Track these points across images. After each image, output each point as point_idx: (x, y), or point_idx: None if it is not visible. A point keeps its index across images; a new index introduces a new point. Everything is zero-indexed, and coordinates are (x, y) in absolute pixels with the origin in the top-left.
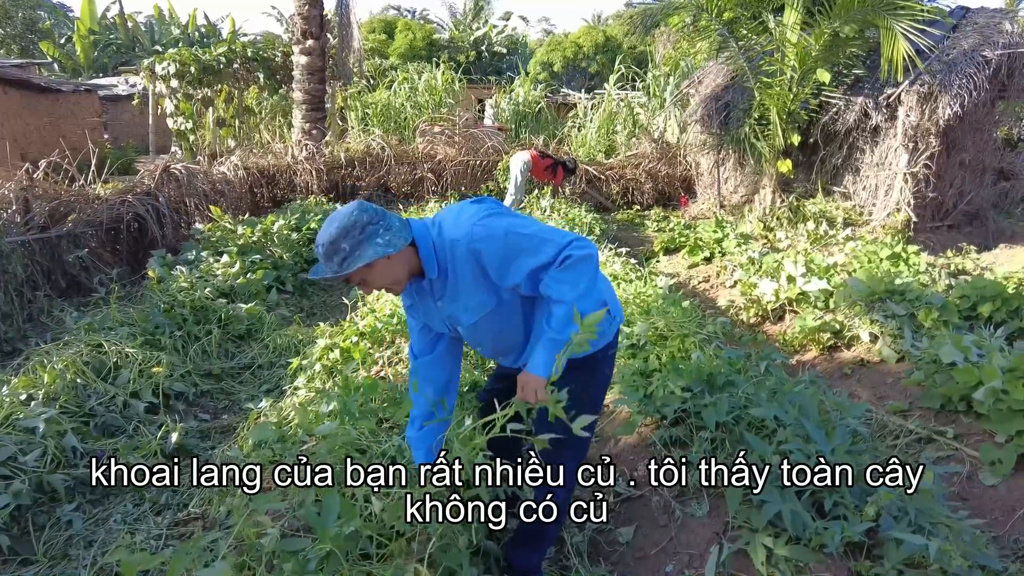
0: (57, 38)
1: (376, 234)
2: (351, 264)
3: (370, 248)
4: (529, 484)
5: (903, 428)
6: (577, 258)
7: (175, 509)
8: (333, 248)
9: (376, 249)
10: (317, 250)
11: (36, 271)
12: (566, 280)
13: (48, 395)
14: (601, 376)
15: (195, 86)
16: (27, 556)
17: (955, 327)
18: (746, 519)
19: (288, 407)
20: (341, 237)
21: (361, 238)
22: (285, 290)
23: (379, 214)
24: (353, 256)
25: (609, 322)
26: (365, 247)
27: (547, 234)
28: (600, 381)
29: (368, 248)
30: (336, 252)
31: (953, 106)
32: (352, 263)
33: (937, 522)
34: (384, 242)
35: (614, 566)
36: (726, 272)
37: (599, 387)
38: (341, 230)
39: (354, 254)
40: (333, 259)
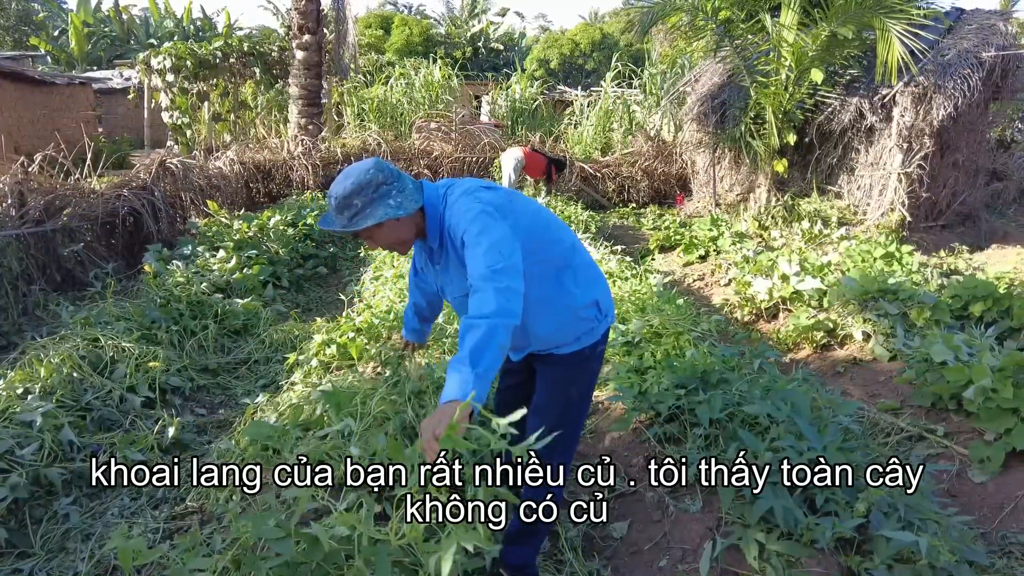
0: (50, 31)
1: (389, 195)
2: (361, 221)
3: (381, 208)
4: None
5: (894, 426)
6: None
7: (172, 503)
8: (346, 202)
9: (387, 210)
10: (329, 201)
11: (31, 265)
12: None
13: (45, 389)
14: (590, 371)
15: (191, 80)
16: (24, 549)
17: (947, 326)
18: (739, 515)
19: (284, 402)
20: (355, 193)
21: (374, 197)
22: (281, 286)
23: (394, 175)
24: (364, 213)
25: (599, 320)
26: (377, 206)
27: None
28: (589, 376)
29: (380, 208)
30: (348, 207)
31: (947, 107)
32: (362, 220)
33: (926, 518)
34: (396, 204)
35: (608, 561)
36: (721, 270)
37: (587, 383)
38: (356, 186)
39: (365, 211)
40: (344, 213)
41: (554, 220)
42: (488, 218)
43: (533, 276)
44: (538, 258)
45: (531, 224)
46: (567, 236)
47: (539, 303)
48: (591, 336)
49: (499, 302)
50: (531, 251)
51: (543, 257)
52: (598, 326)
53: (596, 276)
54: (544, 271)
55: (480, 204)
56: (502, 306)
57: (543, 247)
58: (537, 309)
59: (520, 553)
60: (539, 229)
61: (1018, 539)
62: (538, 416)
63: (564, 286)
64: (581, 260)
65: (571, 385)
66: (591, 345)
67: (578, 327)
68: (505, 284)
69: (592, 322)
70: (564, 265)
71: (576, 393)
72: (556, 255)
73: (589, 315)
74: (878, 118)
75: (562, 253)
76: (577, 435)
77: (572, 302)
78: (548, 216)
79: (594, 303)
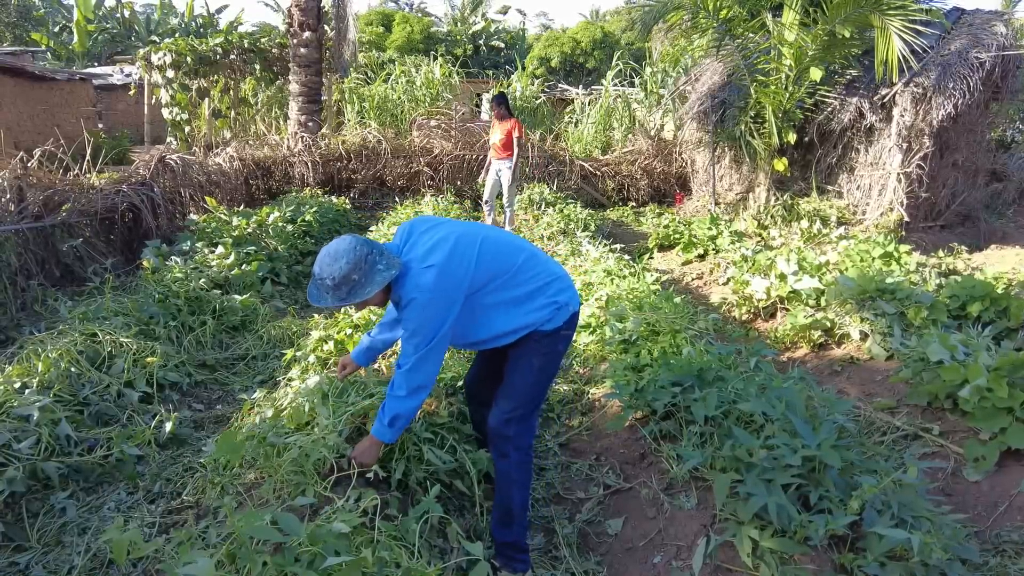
0: (50, 27)
1: (377, 262)
2: (363, 293)
3: (377, 276)
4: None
5: (890, 425)
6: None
7: (168, 498)
8: (344, 280)
9: (383, 276)
10: (323, 282)
11: (30, 260)
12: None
13: (42, 383)
14: (553, 351)
15: (191, 76)
16: (21, 543)
17: (944, 326)
18: (733, 511)
19: (282, 397)
20: (353, 270)
21: (367, 268)
22: (279, 282)
23: (371, 243)
24: (363, 284)
25: (557, 309)
26: (373, 276)
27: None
28: (552, 355)
29: (376, 276)
30: (346, 283)
31: (947, 107)
32: (364, 292)
33: (920, 516)
34: (384, 267)
35: (603, 557)
36: (719, 269)
37: (550, 359)
38: (351, 264)
39: (363, 283)
40: (342, 289)
41: (502, 249)
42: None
43: (488, 304)
44: (494, 286)
45: (475, 274)
46: (517, 256)
47: (502, 314)
48: (552, 324)
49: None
50: (482, 286)
51: (494, 287)
52: (557, 315)
53: (549, 281)
54: (502, 291)
55: (420, 294)
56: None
57: (495, 276)
58: (497, 322)
59: (505, 532)
60: (486, 267)
61: (1011, 537)
62: (505, 384)
63: (521, 297)
64: (532, 272)
65: (534, 356)
66: (553, 330)
67: (539, 321)
68: (415, 384)
69: (551, 314)
70: (519, 281)
71: (538, 363)
72: (509, 276)
73: (547, 312)
74: (878, 118)
75: (515, 272)
76: (538, 401)
77: (528, 310)
78: (495, 249)
79: (551, 303)
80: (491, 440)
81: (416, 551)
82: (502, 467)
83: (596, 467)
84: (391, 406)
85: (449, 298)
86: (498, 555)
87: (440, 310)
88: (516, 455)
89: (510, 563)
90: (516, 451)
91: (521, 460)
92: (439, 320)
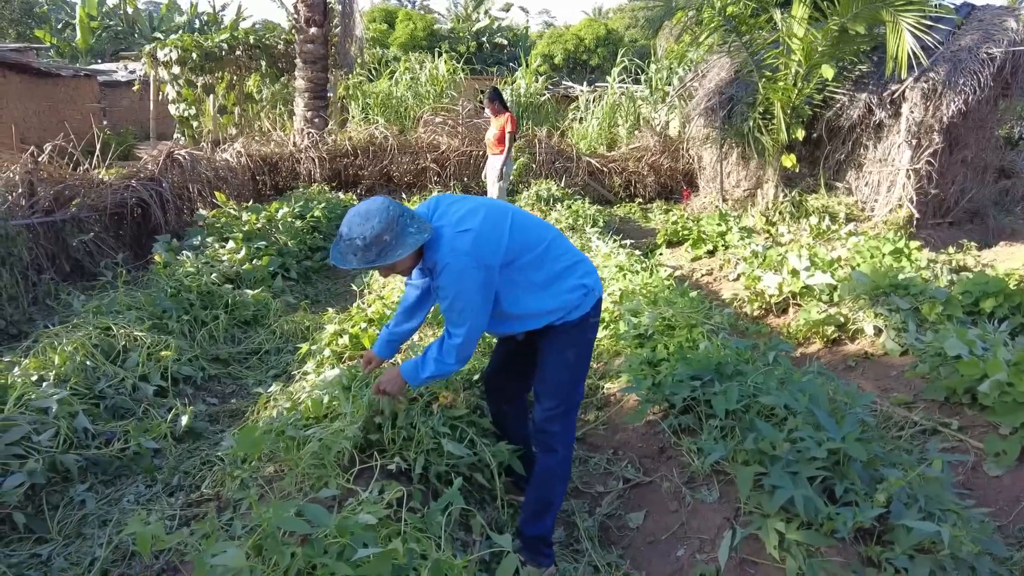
0: (54, 24)
1: (409, 225)
2: (393, 254)
3: (409, 238)
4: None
5: (908, 419)
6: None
7: (187, 491)
8: (376, 240)
9: (413, 239)
10: (352, 242)
11: (40, 255)
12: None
13: (59, 376)
14: (584, 339)
15: (196, 73)
16: (42, 534)
17: (959, 321)
18: (757, 504)
19: (298, 391)
20: (385, 231)
21: (398, 230)
22: (289, 277)
23: (402, 206)
24: (394, 246)
25: (584, 294)
26: (404, 238)
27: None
28: (584, 343)
29: (408, 239)
30: (376, 244)
31: (957, 103)
32: (394, 253)
33: (947, 509)
34: (416, 230)
35: (625, 550)
36: (729, 265)
37: (583, 348)
38: (384, 224)
39: (394, 244)
40: (372, 250)
41: (531, 225)
42: (460, 280)
43: (519, 282)
44: (523, 262)
45: (509, 243)
46: (545, 234)
47: (531, 295)
48: (580, 310)
49: (458, 365)
50: (515, 259)
51: (526, 261)
52: (584, 301)
53: (576, 262)
54: (531, 271)
55: (457, 258)
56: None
57: (525, 252)
58: (528, 302)
59: (535, 525)
60: (517, 242)
61: None
62: (542, 380)
63: (550, 278)
64: (560, 251)
65: (567, 348)
66: (582, 317)
67: (568, 305)
68: (464, 355)
69: (579, 299)
70: (547, 260)
71: (572, 356)
72: (538, 255)
73: (576, 296)
74: (887, 114)
75: (543, 251)
76: (578, 395)
77: (557, 291)
78: (525, 224)
79: (579, 285)
80: (536, 437)
81: (441, 543)
82: (548, 462)
83: (614, 461)
84: (437, 369)
85: (486, 264)
86: (525, 549)
87: (478, 277)
88: (563, 450)
89: (536, 557)
90: (564, 447)
91: (566, 456)
92: (476, 287)
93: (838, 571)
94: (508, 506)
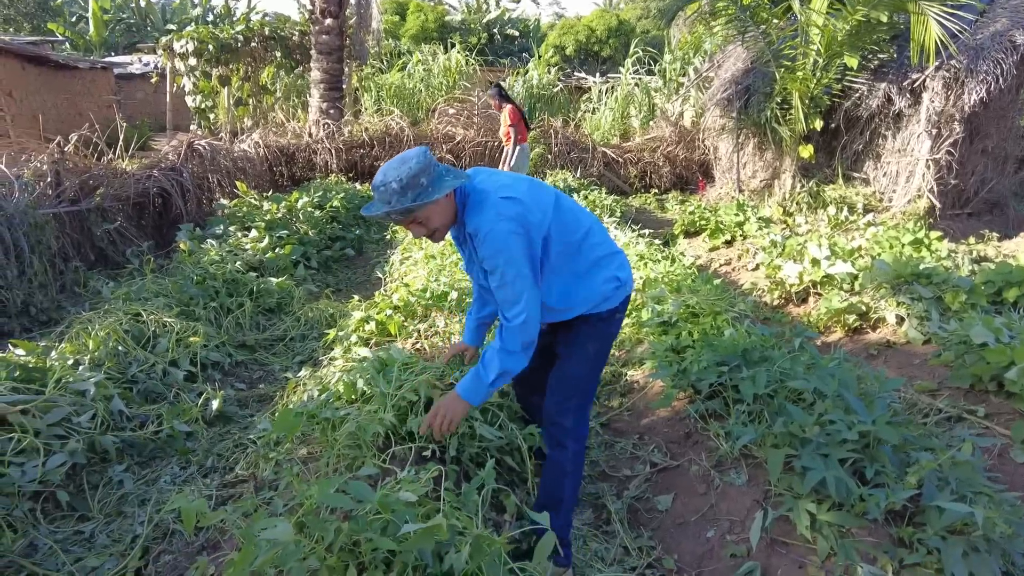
0: (68, 16)
1: (445, 173)
2: (430, 196)
3: (445, 183)
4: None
5: (932, 406)
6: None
7: (222, 472)
8: (413, 182)
9: (449, 183)
10: (388, 186)
11: (67, 243)
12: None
13: (93, 360)
14: (608, 333)
15: (212, 64)
16: (84, 512)
17: (983, 310)
18: (787, 487)
19: (328, 375)
20: (420, 173)
21: (435, 174)
22: (310, 266)
23: (435, 160)
24: (430, 189)
25: (617, 290)
26: (440, 182)
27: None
28: (606, 337)
29: (444, 182)
30: (413, 187)
31: (979, 92)
32: (431, 195)
33: (979, 491)
34: (452, 177)
35: (655, 532)
36: (748, 255)
37: (605, 342)
38: (420, 166)
39: (430, 188)
40: (408, 193)
41: (572, 209)
42: (507, 248)
43: (556, 267)
44: (561, 247)
45: (552, 221)
46: (585, 220)
47: (564, 283)
48: (609, 303)
49: (526, 354)
50: (554, 240)
51: (564, 246)
52: (615, 295)
53: (612, 253)
54: (567, 257)
55: (502, 223)
56: (525, 356)
57: (564, 235)
58: (562, 288)
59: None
60: (559, 223)
61: None
62: (560, 372)
63: (585, 267)
64: (598, 239)
65: (589, 341)
66: (610, 311)
67: (598, 297)
68: (529, 338)
69: (611, 292)
70: (584, 248)
71: (593, 349)
72: (577, 240)
73: (608, 288)
74: (906, 103)
75: (582, 237)
76: (593, 389)
77: (592, 281)
78: (566, 206)
79: (613, 277)
80: (547, 430)
81: (478, 521)
82: (557, 457)
83: (640, 446)
84: (503, 362)
85: (533, 235)
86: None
87: (524, 244)
88: (574, 445)
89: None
90: (574, 442)
91: (578, 451)
92: (524, 255)
93: (870, 551)
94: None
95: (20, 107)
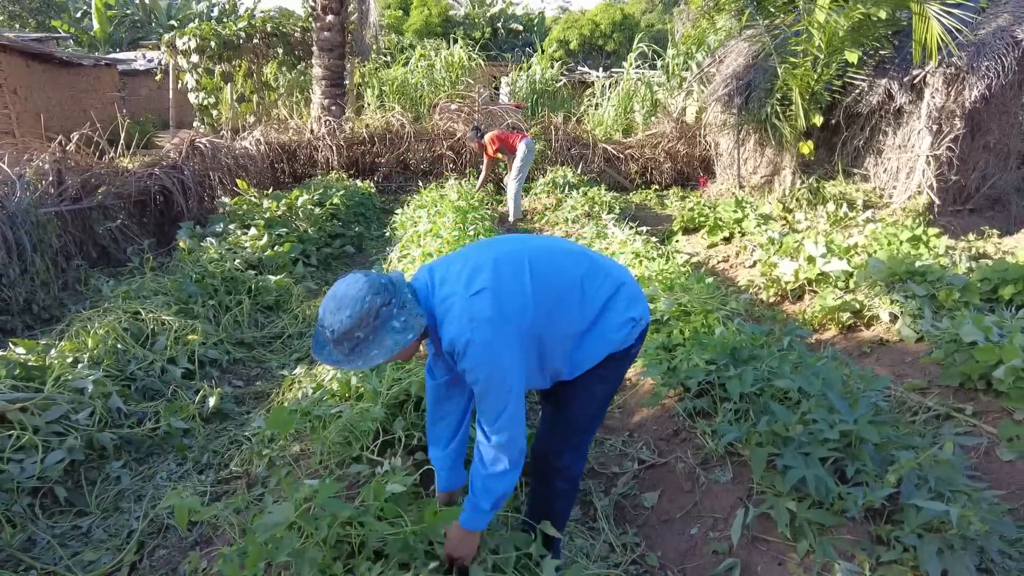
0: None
1: (391, 317)
2: (364, 355)
3: (388, 337)
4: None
5: (922, 405)
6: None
7: (217, 468)
8: (345, 336)
9: (395, 337)
10: (323, 333)
11: (69, 241)
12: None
13: (92, 358)
14: (619, 371)
15: (215, 61)
16: (82, 508)
17: (975, 308)
18: (770, 484)
19: (323, 373)
20: (355, 327)
21: (376, 324)
22: (309, 263)
23: (390, 289)
24: (369, 344)
25: (632, 326)
26: (383, 335)
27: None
28: (616, 376)
29: (386, 338)
30: (348, 340)
31: (980, 87)
32: (367, 355)
33: (957, 490)
34: (401, 326)
35: (640, 529)
36: (746, 252)
37: (613, 381)
38: (355, 319)
39: (369, 342)
40: (343, 345)
41: (555, 266)
42: (488, 361)
43: (557, 338)
44: (557, 318)
45: (535, 297)
46: (574, 268)
47: (573, 352)
48: (624, 343)
49: (515, 471)
50: (544, 313)
51: (561, 315)
52: (630, 333)
53: (618, 287)
54: (569, 325)
55: (479, 332)
56: (515, 472)
57: (556, 306)
58: (573, 357)
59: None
60: (544, 296)
61: None
62: (563, 415)
63: (591, 318)
64: (598, 281)
65: (597, 384)
66: (624, 349)
67: (613, 347)
68: (516, 454)
69: (625, 337)
70: (585, 300)
71: (601, 393)
72: (574, 299)
73: (622, 336)
74: (907, 99)
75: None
76: (595, 427)
77: (602, 333)
78: (546, 266)
79: (627, 321)
80: (534, 466)
81: None
82: (540, 492)
83: (629, 443)
84: (493, 486)
85: (516, 327)
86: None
87: (510, 345)
88: (563, 485)
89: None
90: (564, 482)
91: (567, 491)
92: (512, 359)
93: (848, 548)
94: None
95: (25, 104)
